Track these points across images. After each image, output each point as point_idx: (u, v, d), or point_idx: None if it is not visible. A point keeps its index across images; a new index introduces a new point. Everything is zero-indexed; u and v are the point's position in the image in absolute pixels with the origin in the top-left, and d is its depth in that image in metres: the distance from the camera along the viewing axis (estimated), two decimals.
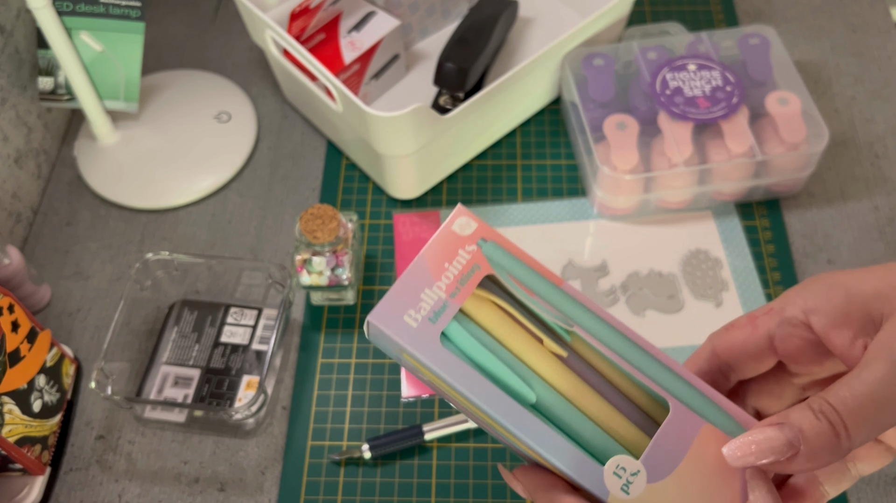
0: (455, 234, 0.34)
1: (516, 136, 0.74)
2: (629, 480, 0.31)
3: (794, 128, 0.65)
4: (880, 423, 0.28)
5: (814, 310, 0.32)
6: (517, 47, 0.79)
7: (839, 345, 0.31)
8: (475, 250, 0.34)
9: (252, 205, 0.71)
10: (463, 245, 0.34)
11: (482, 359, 0.33)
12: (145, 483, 0.58)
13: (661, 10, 0.83)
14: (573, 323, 0.33)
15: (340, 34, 0.72)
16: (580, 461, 0.31)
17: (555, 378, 0.33)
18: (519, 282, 0.34)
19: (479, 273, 0.33)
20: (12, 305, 0.53)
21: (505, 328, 0.34)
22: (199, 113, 0.75)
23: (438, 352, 0.32)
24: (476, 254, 0.34)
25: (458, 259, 0.33)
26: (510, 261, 0.34)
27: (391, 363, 0.62)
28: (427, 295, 0.33)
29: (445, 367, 0.32)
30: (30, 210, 0.71)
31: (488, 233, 0.34)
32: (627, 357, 0.33)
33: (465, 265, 0.33)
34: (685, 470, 0.31)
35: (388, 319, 0.32)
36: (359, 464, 0.58)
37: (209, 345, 0.63)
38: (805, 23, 0.81)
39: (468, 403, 0.32)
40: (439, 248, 0.33)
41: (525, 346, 0.34)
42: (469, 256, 0.33)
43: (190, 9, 0.86)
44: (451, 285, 0.33)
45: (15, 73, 0.69)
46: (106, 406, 0.61)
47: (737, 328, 0.35)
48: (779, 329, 0.33)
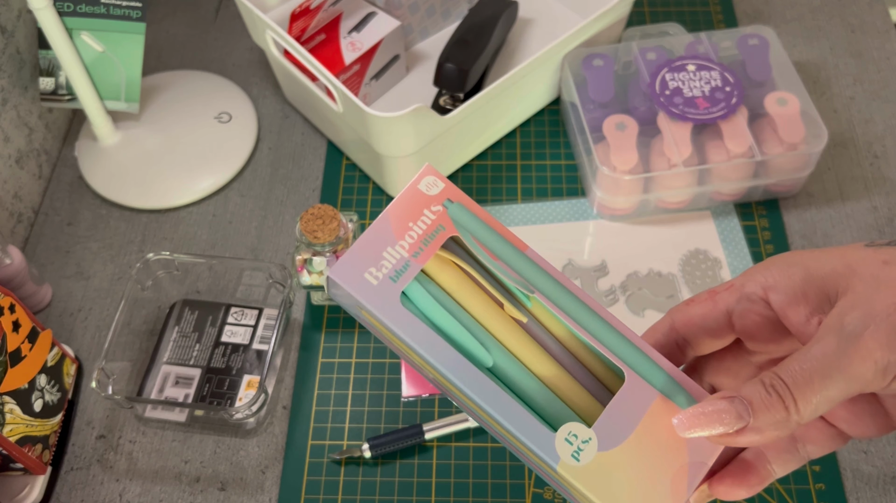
0: (421, 194, 0.33)
1: (516, 136, 0.75)
2: (580, 447, 0.31)
3: (793, 128, 0.65)
4: (829, 397, 0.29)
5: (773, 287, 0.32)
6: (517, 48, 0.79)
7: (795, 323, 0.31)
8: (440, 211, 0.33)
9: (253, 205, 0.72)
10: (428, 205, 0.33)
11: (441, 321, 0.33)
12: (146, 482, 0.58)
13: (660, 11, 0.83)
14: (534, 288, 0.33)
15: (341, 35, 0.72)
16: (533, 426, 0.31)
17: (512, 342, 0.33)
18: (483, 245, 0.33)
19: (443, 234, 0.33)
20: (13, 305, 0.53)
21: (466, 290, 0.34)
22: (200, 113, 0.76)
23: (397, 312, 0.32)
24: (441, 214, 0.33)
25: (422, 219, 0.33)
26: (475, 224, 0.33)
27: (391, 363, 0.62)
28: (389, 253, 0.32)
29: (403, 327, 0.31)
30: (31, 210, 0.71)
31: (455, 193, 0.34)
32: (586, 325, 0.33)
33: (430, 225, 0.33)
34: (636, 440, 0.31)
35: (349, 275, 0.32)
36: (359, 464, 0.58)
37: (210, 344, 0.63)
38: (804, 23, 0.82)
39: (425, 364, 0.32)
40: (404, 206, 0.33)
41: (485, 310, 0.34)
42: (434, 217, 0.33)
43: (191, 9, 0.86)
44: (415, 245, 0.32)
45: (16, 74, 0.69)
46: (107, 405, 0.61)
47: (697, 303, 0.35)
48: (738, 305, 0.33)
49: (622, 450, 0.31)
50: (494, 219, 0.34)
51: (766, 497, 0.56)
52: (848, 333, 0.29)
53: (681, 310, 0.35)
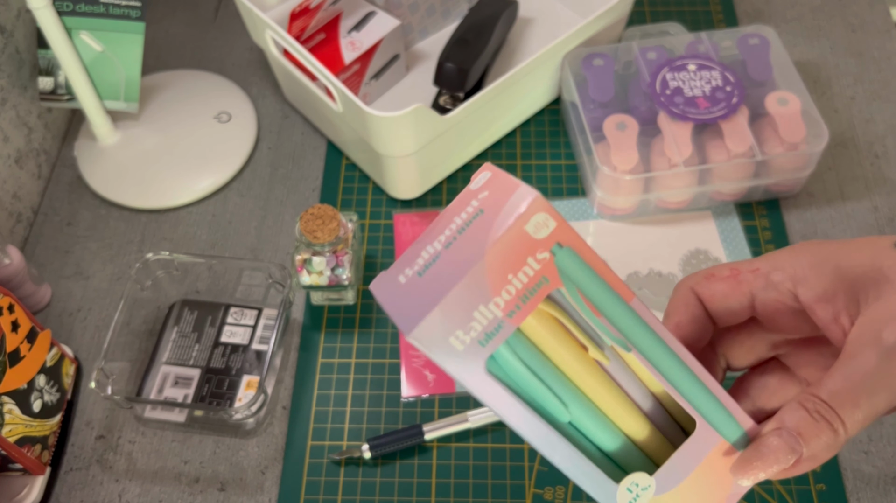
0: (527, 237, 0.27)
1: (516, 136, 0.75)
2: (638, 494, 0.31)
3: (794, 128, 0.65)
4: (874, 413, 0.29)
5: (802, 282, 0.32)
6: (517, 47, 0.79)
7: (822, 319, 0.31)
8: (547, 259, 0.27)
9: (252, 205, 0.71)
10: (534, 251, 0.27)
11: (523, 383, 0.30)
12: (145, 483, 0.58)
13: (660, 11, 0.83)
14: (632, 346, 0.30)
15: (340, 34, 0.72)
16: (600, 483, 0.31)
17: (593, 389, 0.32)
18: (587, 299, 0.29)
19: (545, 288, 0.28)
20: (12, 305, 0.53)
21: (552, 338, 0.31)
22: (200, 113, 0.76)
23: (481, 380, 0.28)
24: (547, 263, 0.27)
25: (524, 270, 0.27)
26: (584, 275, 0.28)
27: (391, 363, 0.62)
28: (481, 313, 0.27)
29: (485, 395, 0.29)
30: (30, 210, 0.71)
31: (566, 235, 0.27)
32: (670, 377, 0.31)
33: (532, 277, 0.27)
34: (689, 482, 0.31)
35: (433, 340, 0.27)
36: (359, 464, 0.58)
37: (209, 344, 0.63)
38: (805, 23, 0.82)
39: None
40: (505, 254, 0.27)
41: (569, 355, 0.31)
42: (539, 267, 0.27)
43: (190, 9, 0.86)
44: (511, 302, 0.27)
45: (15, 74, 0.69)
46: (106, 406, 0.61)
47: (719, 280, 0.34)
48: (763, 292, 0.33)
49: (675, 492, 0.31)
50: (603, 262, 0.29)
51: (766, 497, 0.56)
52: (888, 348, 0.28)
53: (701, 285, 0.35)
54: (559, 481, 0.57)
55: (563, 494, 0.56)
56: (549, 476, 0.57)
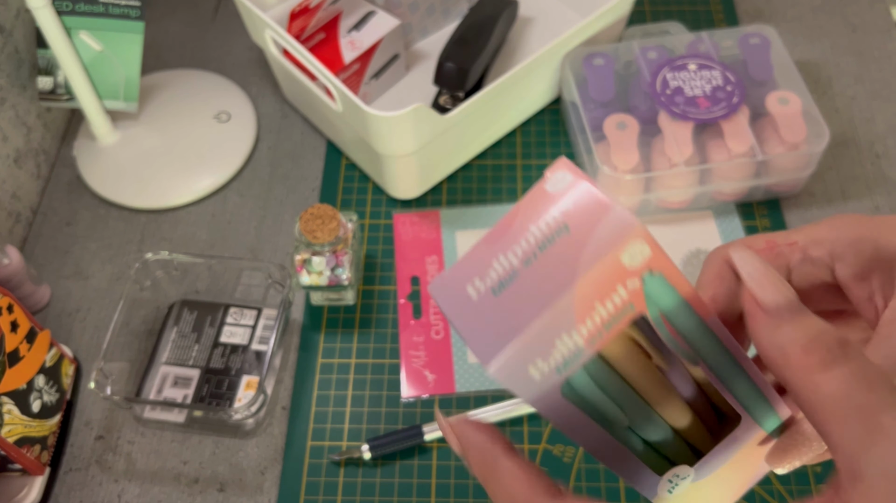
0: (620, 266, 0.24)
1: (516, 135, 0.74)
2: (677, 483, 0.31)
3: (795, 127, 0.65)
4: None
5: (840, 258, 0.31)
6: (517, 47, 0.79)
7: (857, 296, 0.31)
8: (637, 288, 0.25)
9: (252, 204, 0.71)
10: (625, 279, 0.25)
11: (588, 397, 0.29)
12: (145, 483, 0.58)
13: (661, 10, 0.83)
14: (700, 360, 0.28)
15: (340, 34, 0.72)
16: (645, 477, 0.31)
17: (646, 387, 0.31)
18: (673, 328, 0.27)
19: (630, 315, 0.26)
20: (11, 305, 0.53)
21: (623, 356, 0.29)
22: (199, 112, 0.75)
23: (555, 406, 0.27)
24: (636, 292, 0.25)
25: (612, 298, 0.25)
26: (672, 303, 0.26)
27: (391, 363, 0.62)
28: (563, 342, 0.25)
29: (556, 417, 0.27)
30: (29, 210, 0.71)
31: (658, 262, 0.25)
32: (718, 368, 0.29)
33: (619, 306, 0.25)
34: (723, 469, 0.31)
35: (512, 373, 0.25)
36: (359, 465, 0.58)
37: (209, 345, 0.63)
38: (805, 22, 0.81)
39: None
40: (596, 284, 0.25)
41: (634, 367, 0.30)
42: (626, 296, 0.25)
43: (189, 8, 0.86)
44: (595, 330, 0.25)
45: (14, 73, 0.69)
46: (105, 406, 0.61)
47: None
48: (800, 266, 0.32)
49: (710, 479, 0.31)
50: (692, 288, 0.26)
51: (766, 497, 0.56)
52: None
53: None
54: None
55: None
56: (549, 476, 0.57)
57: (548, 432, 0.59)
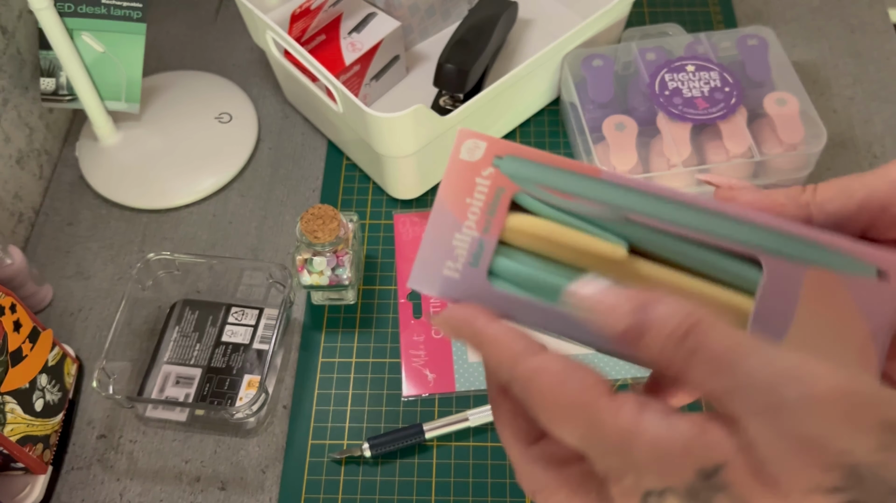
0: (465, 163, 0.29)
1: (516, 136, 0.75)
2: None
3: (793, 128, 0.65)
4: None
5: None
6: (517, 48, 0.79)
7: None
8: (493, 172, 0.29)
9: (253, 205, 0.72)
10: (479, 171, 0.29)
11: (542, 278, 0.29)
12: (147, 482, 0.58)
13: (659, 12, 0.83)
14: (625, 211, 0.29)
15: (341, 35, 0.73)
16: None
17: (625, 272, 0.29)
18: (552, 189, 0.29)
19: (505, 196, 0.29)
20: (14, 305, 0.53)
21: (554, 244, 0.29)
22: (201, 113, 0.76)
23: (491, 296, 0.29)
24: (495, 175, 0.29)
25: (478, 189, 0.29)
26: (535, 170, 0.29)
27: (391, 362, 0.62)
28: (459, 240, 0.29)
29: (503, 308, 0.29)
30: (31, 210, 0.72)
31: (500, 147, 0.29)
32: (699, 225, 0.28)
33: (488, 191, 0.29)
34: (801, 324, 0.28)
35: (428, 279, 0.29)
36: (359, 463, 0.58)
37: (210, 344, 0.63)
38: (803, 24, 0.82)
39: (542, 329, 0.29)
40: (454, 183, 0.29)
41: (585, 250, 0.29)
42: (489, 182, 0.29)
43: (191, 10, 0.86)
44: (480, 220, 0.29)
45: (17, 74, 0.69)
46: (107, 405, 0.62)
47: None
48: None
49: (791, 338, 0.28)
50: (552, 155, 0.29)
51: None
52: None
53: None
54: None
55: None
56: None
57: None
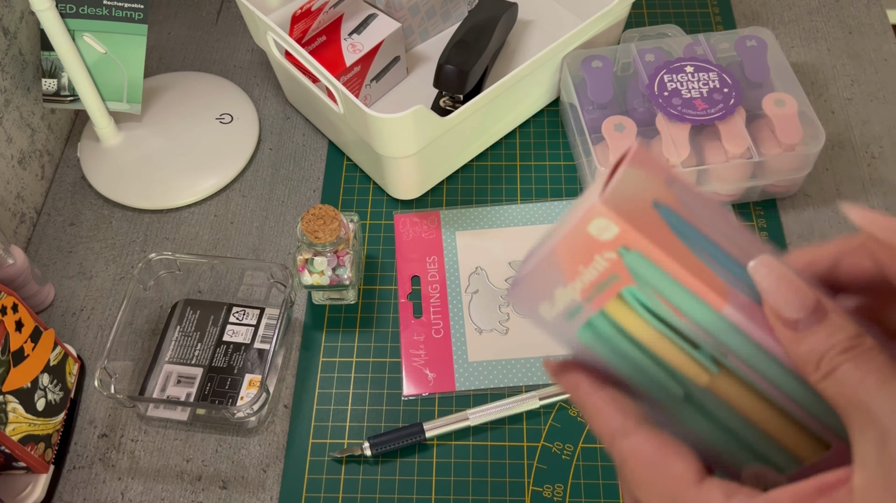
0: (591, 237, 0.27)
1: (516, 137, 0.75)
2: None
3: (791, 129, 0.65)
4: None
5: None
6: (516, 49, 0.80)
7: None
8: (615, 259, 0.27)
9: (254, 205, 0.72)
10: (600, 251, 0.27)
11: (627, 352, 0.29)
12: (148, 481, 0.58)
13: (659, 13, 0.84)
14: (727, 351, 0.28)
15: (342, 36, 0.73)
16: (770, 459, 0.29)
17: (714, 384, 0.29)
18: (666, 300, 0.28)
19: (618, 283, 0.28)
20: (16, 305, 0.54)
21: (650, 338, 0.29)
22: (202, 114, 0.76)
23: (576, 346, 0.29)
24: (615, 263, 0.27)
25: (594, 265, 0.27)
26: (657, 278, 0.27)
27: (392, 362, 0.63)
28: (561, 294, 0.28)
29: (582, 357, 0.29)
30: (34, 210, 0.72)
31: (632, 240, 0.27)
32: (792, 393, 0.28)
33: (603, 272, 0.27)
34: None
35: (524, 306, 0.29)
36: (360, 462, 0.59)
37: (212, 344, 0.63)
38: (802, 25, 0.82)
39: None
40: (572, 247, 0.28)
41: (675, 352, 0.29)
42: (607, 264, 0.27)
43: (192, 11, 0.87)
44: (587, 290, 0.28)
45: (19, 75, 0.70)
46: (109, 404, 0.62)
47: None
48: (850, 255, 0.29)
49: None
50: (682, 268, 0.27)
51: None
52: None
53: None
54: (558, 479, 0.57)
55: (562, 492, 0.57)
56: (548, 474, 0.57)
57: (547, 430, 0.59)
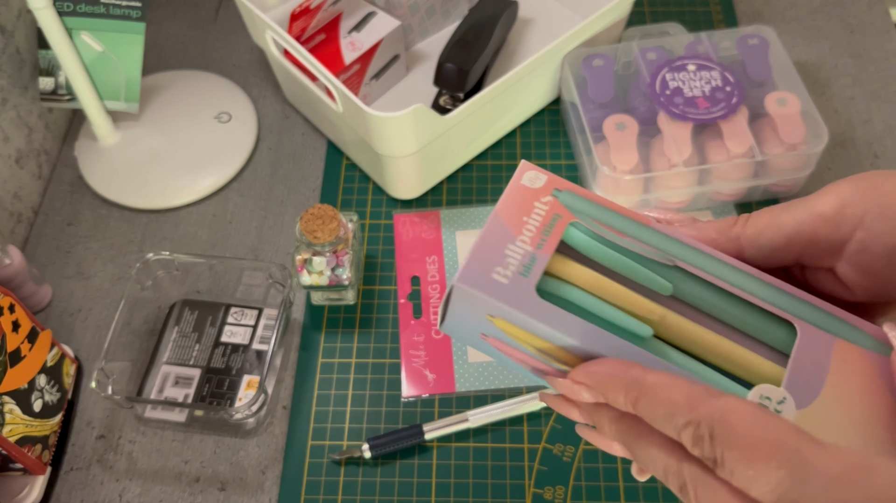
0: (525, 188, 0.32)
1: (516, 136, 0.75)
2: (777, 408, 0.29)
3: (793, 128, 0.65)
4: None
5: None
6: (517, 48, 0.79)
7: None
8: (551, 201, 0.32)
9: (253, 205, 0.72)
10: (537, 197, 0.32)
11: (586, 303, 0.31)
12: (146, 482, 0.58)
13: (660, 11, 0.83)
14: (674, 258, 0.31)
15: (341, 35, 0.73)
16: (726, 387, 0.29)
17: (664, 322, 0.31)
18: (606, 226, 0.31)
19: (561, 222, 0.31)
20: (13, 305, 0.53)
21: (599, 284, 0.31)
22: (200, 113, 0.76)
23: (538, 305, 0.29)
24: (553, 204, 0.31)
25: (535, 211, 0.31)
26: (591, 207, 0.32)
27: (391, 363, 0.62)
28: (512, 250, 0.30)
29: (550, 319, 0.29)
30: (31, 210, 0.71)
31: (560, 183, 0.32)
32: (740, 285, 0.31)
33: (545, 216, 0.31)
34: (832, 391, 0.29)
35: (478, 280, 0.30)
36: (359, 464, 0.58)
37: (210, 344, 0.63)
38: (804, 23, 0.82)
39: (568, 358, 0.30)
40: (512, 202, 0.32)
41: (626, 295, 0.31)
42: (547, 207, 0.31)
43: (191, 9, 0.86)
44: (535, 237, 0.31)
45: (16, 74, 0.69)
46: (107, 405, 0.61)
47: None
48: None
49: (821, 404, 0.29)
50: (609, 200, 0.32)
51: None
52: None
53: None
54: (558, 481, 0.57)
55: (563, 493, 0.56)
56: (549, 475, 0.57)
57: (548, 431, 0.59)
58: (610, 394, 0.29)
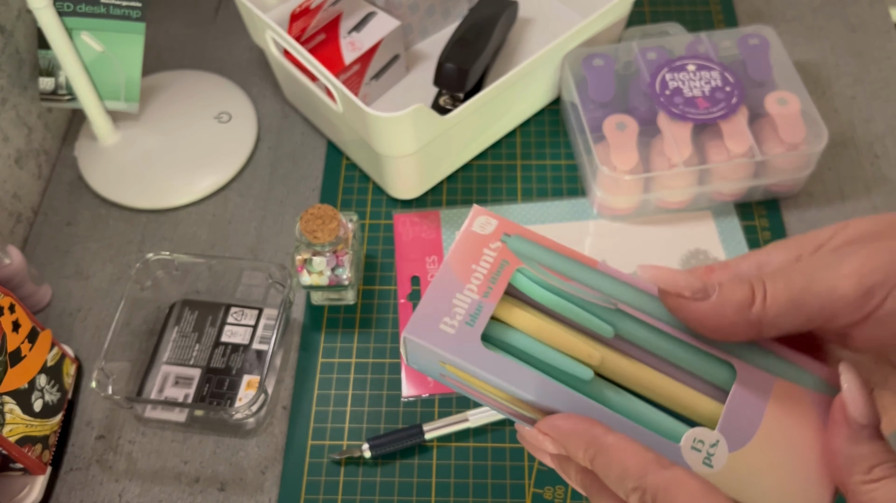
0: (476, 235, 0.33)
1: (516, 136, 0.75)
2: (710, 452, 0.29)
3: (794, 128, 0.65)
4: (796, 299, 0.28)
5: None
6: (517, 48, 0.79)
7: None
8: (500, 247, 0.33)
9: (252, 205, 0.72)
10: (486, 244, 0.33)
11: (529, 348, 0.32)
12: (146, 482, 0.58)
13: (660, 11, 0.83)
14: (616, 300, 0.32)
15: (341, 34, 0.72)
16: (655, 442, 0.29)
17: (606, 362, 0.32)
18: (552, 270, 0.33)
19: (508, 268, 0.33)
20: (13, 305, 0.53)
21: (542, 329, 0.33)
22: (200, 113, 0.76)
23: (481, 354, 0.31)
24: (501, 250, 0.33)
25: (484, 258, 0.33)
26: (538, 251, 0.33)
27: (391, 363, 0.62)
28: (459, 300, 0.32)
29: (491, 367, 0.31)
30: (30, 210, 0.71)
31: (510, 227, 0.34)
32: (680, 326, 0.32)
33: (493, 263, 0.33)
34: (766, 432, 0.29)
35: (425, 331, 0.31)
36: (359, 464, 0.58)
37: (210, 344, 0.63)
38: (804, 23, 0.82)
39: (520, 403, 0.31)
40: (462, 251, 0.33)
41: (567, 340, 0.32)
42: (495, 254, 0.33)
43: (190, 9, 0.86)
44: (483, 285, 0.32)
45: (15, 74, 0.69)
46: (106, 406, 0.61)
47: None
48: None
49: (755, 445, 0.29)
50: (556, 242, 0.34)
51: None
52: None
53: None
54: (559, 481, 0.57)
55: (563, 494, 0.56)
56: (549, 475, 0.57)
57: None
58: (571, 448, 0.30)
